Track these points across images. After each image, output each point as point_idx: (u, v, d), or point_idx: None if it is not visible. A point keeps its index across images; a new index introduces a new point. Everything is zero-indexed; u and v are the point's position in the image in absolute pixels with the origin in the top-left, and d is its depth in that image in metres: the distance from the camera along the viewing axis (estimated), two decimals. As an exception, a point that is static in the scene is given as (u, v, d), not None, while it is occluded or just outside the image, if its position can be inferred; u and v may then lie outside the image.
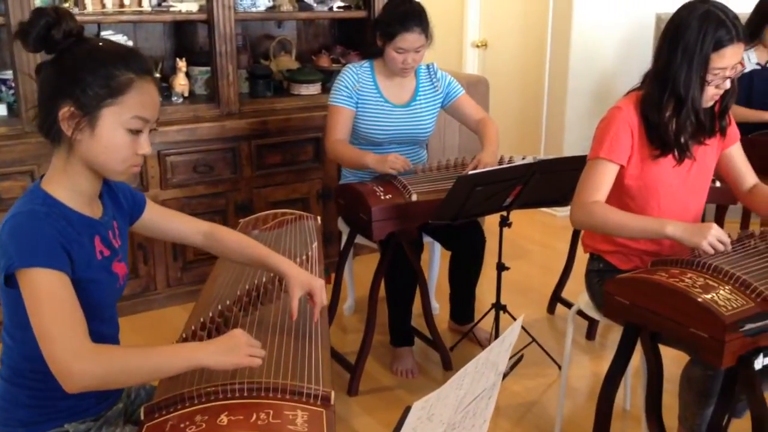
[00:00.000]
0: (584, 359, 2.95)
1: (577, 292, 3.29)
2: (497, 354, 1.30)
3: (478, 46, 5.25)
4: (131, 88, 1.34)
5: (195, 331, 1.58)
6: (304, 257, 2.00)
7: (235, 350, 1.34)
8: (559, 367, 2.84)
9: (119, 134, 1.35)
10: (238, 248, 1.68)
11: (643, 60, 4.55)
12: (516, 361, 2.70)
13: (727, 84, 1.95)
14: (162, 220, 1.64)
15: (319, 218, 2.55)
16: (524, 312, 3.29)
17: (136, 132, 1.36)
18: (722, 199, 2.87)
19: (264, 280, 1.81)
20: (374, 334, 2.75)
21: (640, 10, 4.53)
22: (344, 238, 2.96)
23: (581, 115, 4.62)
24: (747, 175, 2.18)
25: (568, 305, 3.26)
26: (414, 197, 2.54)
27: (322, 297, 1.64)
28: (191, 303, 3.36)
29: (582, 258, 3.22)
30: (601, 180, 2.02)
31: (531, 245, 4.12)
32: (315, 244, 2.13)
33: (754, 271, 1.83)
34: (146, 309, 3.32)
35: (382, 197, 2.55)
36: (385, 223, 2.54)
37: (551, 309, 3.34)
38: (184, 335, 1.58)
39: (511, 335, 1.32)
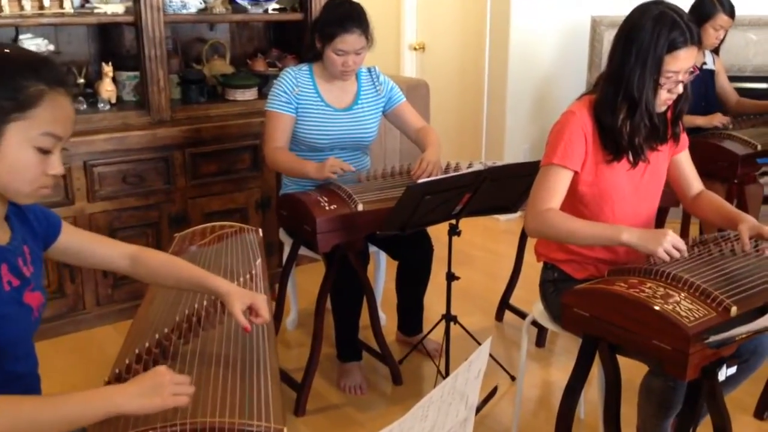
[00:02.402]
0: (535, 367, 2.90)
1: (525, 298, 3.27)
2: (465, 382, 1.20)
3: (415, 49, 5.18)
4: (42, 101, 1.19)
5: (129, 364, 1.43)
6: (247, 276, 1.87)
7: (159, 390, 1.19)
8: (511, 377, 2.78)
9: (27, 153, 1.19)
10: (168, 272, 1.53)
11: (580, 62, 4.66)
12: (490, 393, 2.62)
13: (680, 88, 1.91)
14: (81, 244, 1.48)
15: (260, 231, 2.43)
16: (473, 319, 3.25)
17: (46, 151, 1.21)
18: (664, 201, 2.88)
19: (205, 303, 1.67)
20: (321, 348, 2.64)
21: (575, 13, 4.55)
22: (287, 249, 2.84)
23: (521, 118, 4.60)
24: (693, 182, 2.16)
25: (517, 312, 3.21)
26: (360, 207, 2.43)
27: (266, 312, 1.51)
28: (124, 322, 3.21)
29: (529, 263, 3.19)
30: (555, 187, 1.96)
31: (475, 251, 4.07)
32: (258, 261, 2.00)
33: (712, 279, 1.79)
34: (74, 330, 3.11)
35: (327, 208, 2.44)
36: (331, 234, 2.43)
37: (499, 316, 3.29)
38: (117, 370, 1.43)
39: (478, 361, 1.23)
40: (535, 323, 2.41)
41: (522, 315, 3.15)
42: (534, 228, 1.98)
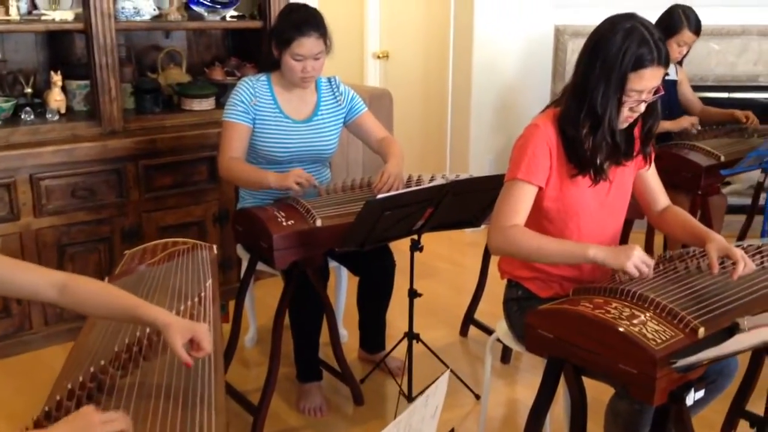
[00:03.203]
0: (499, 384, 2.83)
1: (490, 313, 3.20)
2: (421, 420, 1.12)
3: (379, 57, 5.11)
4: None
5: (61, 401, 1.32)
6: (196, 298, 1.77)
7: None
8: (476, 396, 2.71)
9: None
10: (100, 302, 1.42)
11: (544, 72, 4.62)
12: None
13: (642, 108, 1.85)
14: (4, 271, 1.37)
15: (215, 247, 2.33)
16: (437, 335, 3.17)
17: None
18: (629, 214, 2.84)
19: (147, 331, 1.57)
20: (279, 367, 2.54)
21: (539, 22, 4.52)
22: (244, 264, 2.74)
23: (486, 128, 4.55)
24: (660, 197, 2.10)
25: (482, 327, 3.15)
26: (318, 222, 2.35)
27: (208, 344, 1.42)
28: (74, 343, 3.07)
29: (494, 276, 3.12)
30: (520, 203, 1.89)
31: (439, 263, 4.00)
32: (209, 282, 1.91)
33: (679, 299, 1.74)
34: (21, 351, 2.97)
35: (284, 223, 2.35)
36: (288, 251, 2.33)
37: (464, 331, 3.22)
38: (47, 408, 1.33)
39: (435, 396, 1.15)
40: (500, 340, 2.34)
41: (487, 330, 3.09)
42: (498, 245, 1.91)
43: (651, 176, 2.08)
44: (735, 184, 4.13)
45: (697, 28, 3.33)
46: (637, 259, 1.76)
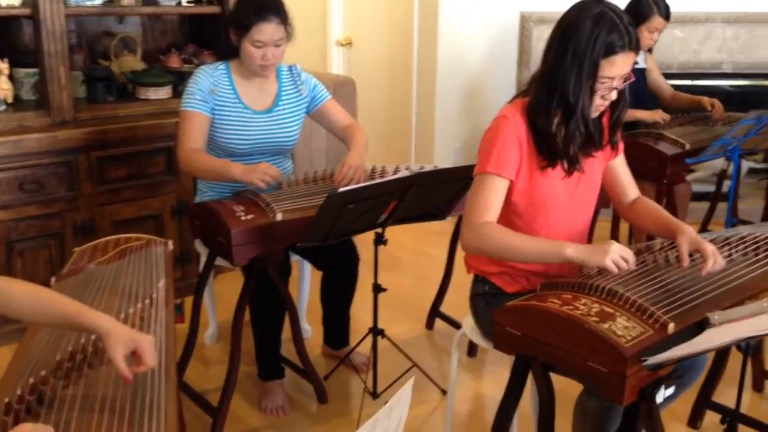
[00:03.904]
0: (466, 379, 2.78)
1: (456, 305, 3.15)
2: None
3: (342, 45, 5.01)
4: None
5: (-4, 417, 1.23)
6: (147, 300, 1.68)
7: None
8: (442, 391, 2.66)
9: None
10: (36, 307, 1.32)
11: (510, 59, 4.57)
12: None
13: (614, 95, 1.80)
14: None
15: (170, 243, 2.23)
16: (402, 328, 3.11)
17: None
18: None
19: (92, 337, 1.47)
20: (240, 366, 2.46)
21: (504, 8, 4.46)
22: (203, 259, 2.64)
23: (451, 116, 4.50)
24: (629, 188, 2.06)
25: (448, 320, 3.09)
26: (279, 216, 2.26)
27: (151, 358, 1.33)
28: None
29: (461, 267, 3.07)
30: (491, 198, 1.83)
31: (403, 254, 3.94)
32: (162, 282, 1.81)
33: (648, 293, 1.70)
34: (-34, 352, 2.84)
35: (243, 218, 2.26)
36: (248, 246, 2.25)
37: (430, 324, 3.16)
38: (-19, 424, 1.23)
39: (399, 407, 1.08)
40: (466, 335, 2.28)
41: (453, 323, 3.04)
42: (471, 244, 1.84)
43: (621, 167, 2.03)
44: (698, 172, 4.13)
45: (666, 13, 3.31)
46: (615, 255, 1.70)
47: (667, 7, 3.31)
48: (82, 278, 1.93)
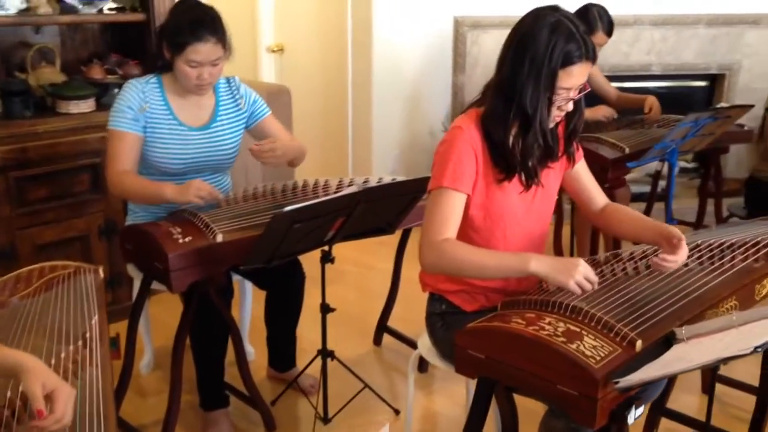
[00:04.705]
0: (418, 396, 2.70)
1: (403, 318, 3.07)
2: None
3: (273, 51, 4.87)
4: None
5: None
6: (80, 342, 1.53)
7: None
8: (395, 411, 2.57)
9: None
10: None
11: (446, 64, 4.52)
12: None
13: (570, 106, 1.75)
14: None
15: (101, 270, 2.07)
16: (349, 345, 3.01)
17: None
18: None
19: (21, 388, 1.32)
20: (181, 394, 2.32)
21: (438, 13, 4.41)
22: (136, 284, 2.48)
23: (389, 122, 4.42)
24: (596, 194, 2.01)
25: (397, 335, 3.01)
26: (219, 237, 2.13)
27: (66, 411, 1.18)
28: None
29: (406, 278, 3.00)
30: (449, 213, 1.75)
31: (347, 266, 3.83)
32: (95, 318, 1.66)
33: (612, 308, 1.65)
34: None
35: (181, 240, 2.12)
36: (187, 271, 2.11)
37: (377, 340, 3.07)
38: None
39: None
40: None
41: (402, 339, 2.96)
42: (431, 262, 1.76)
43: (583, 174, 1.99)
44: (633, 173, 4.18)
45: (610, 29, 3.33)
46: (580, 276, 1.65)
47: (611, 24, 3.33)
48: (5, 315, 1.76)
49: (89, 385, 1.42)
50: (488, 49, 4.40)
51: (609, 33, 3.31)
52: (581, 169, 1.97)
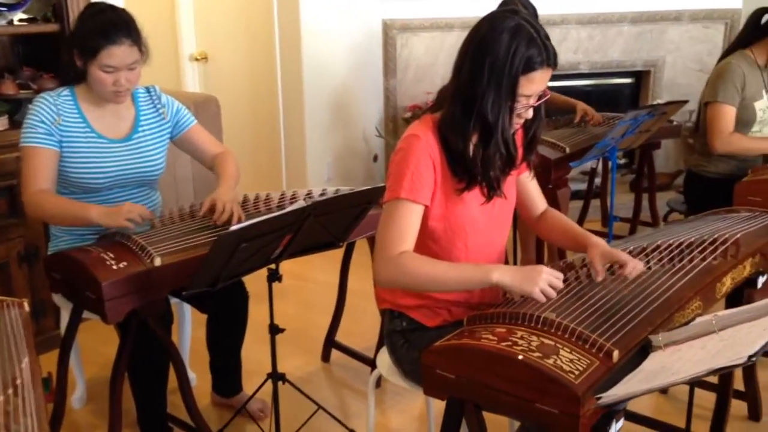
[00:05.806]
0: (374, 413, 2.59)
1: (349, 331, 2.96)
2: None
3: (197, 60, 4.67)
4: None
5: None
6: (10, 390, 1.36)
7: None
8: (349, 431, 2.46)
9: None
10: None
11: (375, 68, 4.44)
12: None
13: (530, 114, 1.68)
14: None
15: (25, 303, 1.88)
16: (296, 363, 2.88)
17: None
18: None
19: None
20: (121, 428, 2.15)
21: (366, 16, 4.33)
22: (64, 314, 2.30)
23: (321, 129, 4.31)
24: (539, 201, 1.96)
25: (345, 350, 2.90)
26: (157, 261, 1.98)
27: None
28: None
29: (352, 290, 2.90)
30: (407, 226, 1.66)
31: (287, 280, 3.62)
32: (26, 361, 1.49)
33: (584, 318, 1.59)
34: None
35: (115, 267, 1.95)
36: (123, 299, 1.95)
37: (326, 356, 2.95)
38: None
39: None
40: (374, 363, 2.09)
41: (353, 354, 2.85)
42: (388, 278, 1.66)
43: (529, 180, 1.93)
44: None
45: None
46: (544, 283, 1.58)
47: (535, 15, 3.29)
48: None
49: (24, 439, 1.26)
50: (419, 51, 4.35)
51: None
52: (527, 175, 1.92)
